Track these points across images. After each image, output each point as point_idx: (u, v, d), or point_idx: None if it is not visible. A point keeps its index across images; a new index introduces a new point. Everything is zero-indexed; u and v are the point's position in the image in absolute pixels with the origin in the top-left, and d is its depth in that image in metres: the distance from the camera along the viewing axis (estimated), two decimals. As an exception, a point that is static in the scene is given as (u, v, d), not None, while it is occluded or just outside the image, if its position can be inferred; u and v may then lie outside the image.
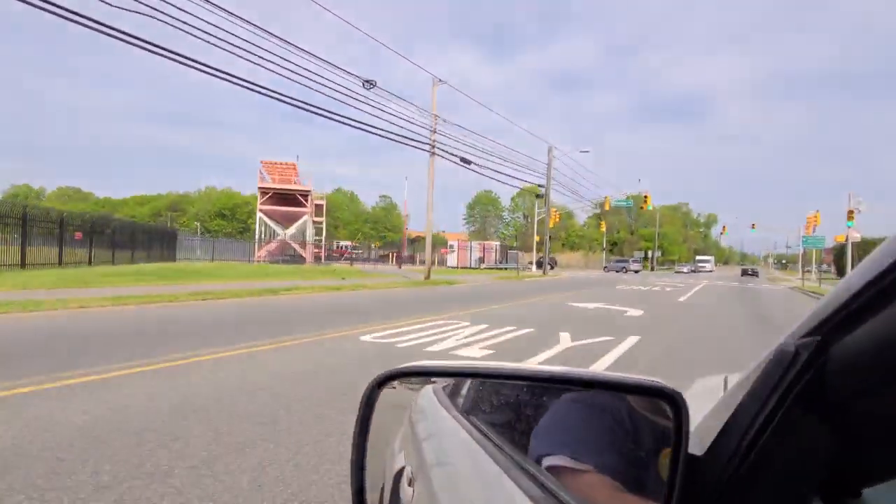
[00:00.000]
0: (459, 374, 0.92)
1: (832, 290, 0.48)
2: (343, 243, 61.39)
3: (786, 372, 0.50)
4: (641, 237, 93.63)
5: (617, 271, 56.18)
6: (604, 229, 62.29)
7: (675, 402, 0.57)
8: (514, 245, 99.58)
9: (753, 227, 59.92)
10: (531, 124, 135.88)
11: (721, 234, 59.92)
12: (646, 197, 36.11)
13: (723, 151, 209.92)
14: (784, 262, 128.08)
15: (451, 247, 50.69)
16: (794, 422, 0.50)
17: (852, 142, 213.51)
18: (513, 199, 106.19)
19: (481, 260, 48.98)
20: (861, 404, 0.48)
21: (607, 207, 37.71)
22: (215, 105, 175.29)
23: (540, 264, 59.28)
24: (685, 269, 66.02)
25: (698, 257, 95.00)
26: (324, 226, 51.82)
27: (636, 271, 56.21)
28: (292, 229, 40.43)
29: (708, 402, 1.04)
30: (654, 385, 0.60)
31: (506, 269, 47.25)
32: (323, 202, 49.27)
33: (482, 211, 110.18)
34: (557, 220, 52.63)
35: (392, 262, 52.52)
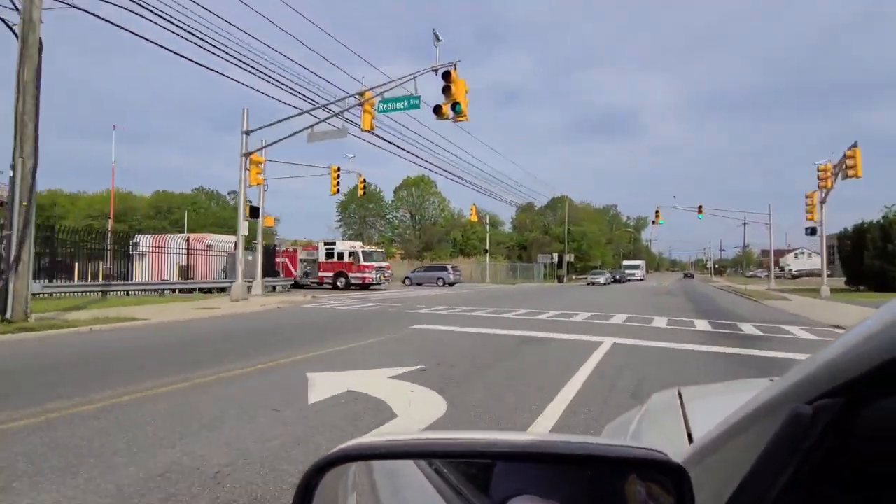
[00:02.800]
0: (424, 454, 0.71)
1: (853, 340, 0.40)
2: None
3: (803, 438, 0.43)
4: (556, 238, 71.18)
5: (419, 284, 35.08)
6: (475, 217, 38.67)
7: (679, 478, 0.51)
8: (393, 251, 74.79)
9: (700, 213, 38.82)
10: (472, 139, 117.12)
11: (654, 221, 38.22)
12: (447, 71, 12.08)
13: (651, 163, 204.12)
14: (717, 266, 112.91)
15: (135, 245, 24.79)
16: (814, 493, 0.43)
17: (764, 155, 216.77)
18: (396, 191, 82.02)
19: (185, 270, 23.55)
20: (893, 474, 0.40)
21: (368, 126, 13.27)
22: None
23: (296, 281, 34.38)
24: (601, 279, 43.78)
25: (626, 262, 74.64)
26: None
27: (452, 284, 34.84)
28: None
29: (668, 419, 1.07)
30: (654, 458, 0.53)
31: (204, 291, 22.12)
32: None
33: (360, 210, 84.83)
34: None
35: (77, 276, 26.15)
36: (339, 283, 29.25)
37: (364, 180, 25.69)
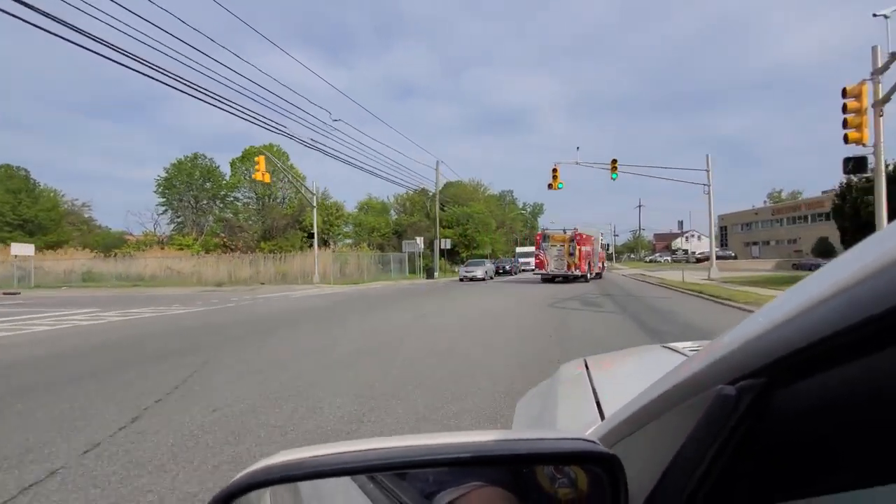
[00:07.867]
0: (349, 471, 0.61)
1: (773, 319, 0.40)
2: None
3: (728, 418, 0.44)
4: (442, 223, 57.11)
5: None
6: (266, 177, 22.99)
7: (612, 467, 0.51)
8: (226, 243, 56.56)
9: (614, 172, 26.83)
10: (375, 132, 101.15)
11: (552, 185, 25.75)
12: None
13: (543, 161, 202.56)
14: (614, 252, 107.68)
15: None
16: (738, 472, 0.45)
17: (641, 155, 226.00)
18: (232, 163, 62.92)
19: None
20: (811, 454, 0.42)
21: None
22: None
23: None
24: (479, 273, 30.85)
25: (520, 250, 63.35)
26: None
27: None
28: None
29: (578, 392, 1.12)
30: (585, 449, 0.53)
31: None
32: None
33: (188, 190, 64.62)
34: None
35: None
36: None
37: None
